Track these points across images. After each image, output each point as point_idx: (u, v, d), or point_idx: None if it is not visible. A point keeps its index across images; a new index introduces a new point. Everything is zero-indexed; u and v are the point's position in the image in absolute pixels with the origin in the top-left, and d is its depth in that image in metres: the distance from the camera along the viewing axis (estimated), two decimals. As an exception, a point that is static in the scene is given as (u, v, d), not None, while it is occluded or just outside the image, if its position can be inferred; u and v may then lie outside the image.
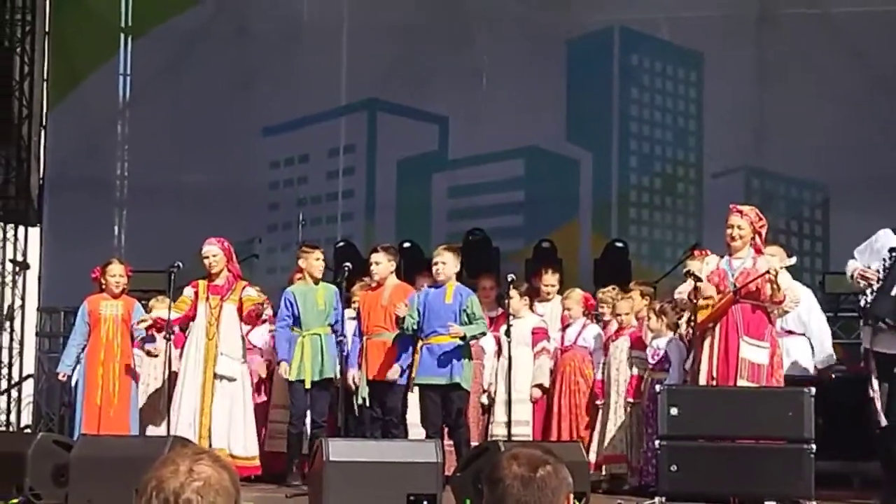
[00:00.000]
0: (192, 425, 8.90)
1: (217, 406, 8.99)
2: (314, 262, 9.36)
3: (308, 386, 9.10)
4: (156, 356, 9.48)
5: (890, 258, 7.93)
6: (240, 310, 9.15)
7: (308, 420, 9.28)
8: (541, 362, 9.58)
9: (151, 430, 9.69)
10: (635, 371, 9.17)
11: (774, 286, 7.77)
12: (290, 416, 9.32)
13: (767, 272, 7.77)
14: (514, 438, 8.74)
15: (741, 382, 7.80)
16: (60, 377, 9.44)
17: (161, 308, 9.48)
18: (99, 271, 9.46)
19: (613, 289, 9.71)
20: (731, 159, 13.67)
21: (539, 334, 9.64)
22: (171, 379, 9.15)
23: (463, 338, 8.65)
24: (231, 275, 9.27)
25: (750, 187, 13.60)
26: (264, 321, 9.67)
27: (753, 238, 8.13)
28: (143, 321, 9.18)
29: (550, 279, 10.13)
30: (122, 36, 14.57)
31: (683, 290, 8.30)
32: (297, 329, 9.21)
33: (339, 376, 9.09)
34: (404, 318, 8.74)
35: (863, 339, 8.17)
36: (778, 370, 7.96)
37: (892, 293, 7.83)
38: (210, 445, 8.65)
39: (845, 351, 9.33)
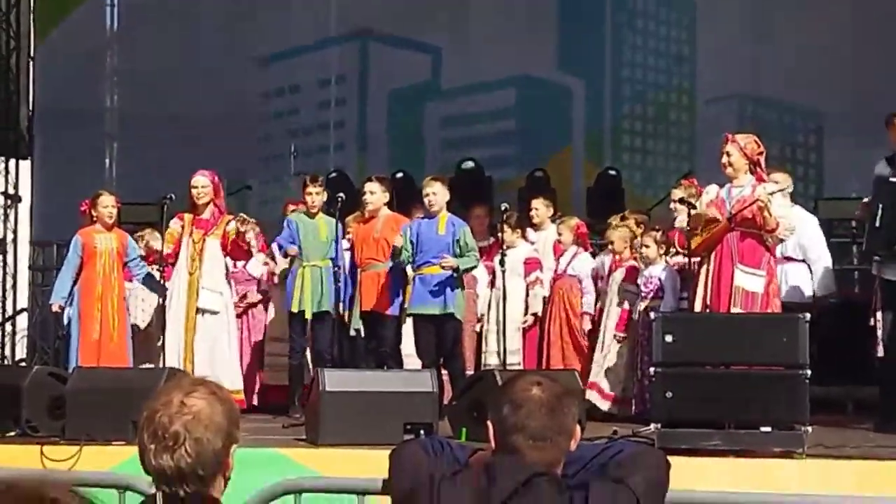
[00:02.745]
0: (178, 360, 8.87)
1: (199, 340, 8.97)
2: (317, 196, 9.26)
3: (308, 317, 9.07)
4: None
5: (875, 189, 7.89)
6: (224, 244, 9.10)
7: (308, 353, 9.28)
8: (535, 292, 9.59)
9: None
10: (626, 305, 9.17)
11: (765, 213, 7.71)
12: (290, 349, 9.28)
13: (757, 200, 7.71)
14: (507, 367, 8.74)
15: (735, 311, 7.77)
16: (54, 308, 9.37)
17: (154, 240, 9.46)
18: (88, 204, 9.37)
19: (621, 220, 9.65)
20: (724, 86, 13.60)
21: (531, 264, 9.63)
22: (161, 314, 9.12)
23: (455, 269, 8.61)
24: (217, 209, 9.20)
25: (743, 114, 13.57)
26: (251, 251, 9.43)
27: (754, 166, 8.01)
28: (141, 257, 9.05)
29: (536, 203, 10.13)
30: (110, -35, 14.41)
31: (685, 220, 8.25)
32: (297, 260, 9.16)
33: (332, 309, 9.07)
34: (400, 250, 8.68)
35: (873, 267, 8.15)
36: (774, 298, 7.91)
37: (877, 225, 7.81)
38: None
39: (838, 276, 9.33)
